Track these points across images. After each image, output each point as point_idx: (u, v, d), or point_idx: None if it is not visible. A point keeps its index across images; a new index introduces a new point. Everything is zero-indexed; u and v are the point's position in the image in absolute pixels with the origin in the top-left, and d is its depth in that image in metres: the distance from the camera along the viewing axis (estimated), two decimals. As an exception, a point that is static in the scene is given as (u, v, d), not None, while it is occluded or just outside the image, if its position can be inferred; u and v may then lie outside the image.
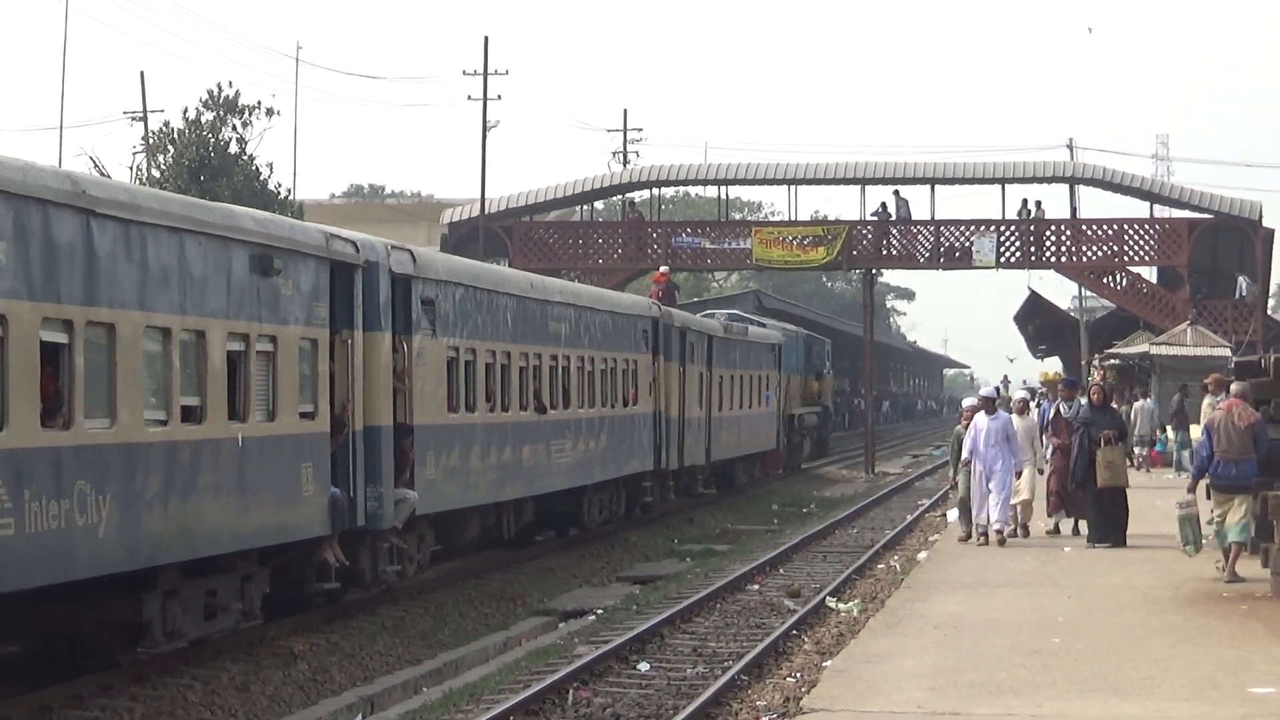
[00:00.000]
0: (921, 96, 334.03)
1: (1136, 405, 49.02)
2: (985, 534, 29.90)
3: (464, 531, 30.21)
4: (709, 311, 57.67)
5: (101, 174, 42.88)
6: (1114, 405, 33.25)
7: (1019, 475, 30.41)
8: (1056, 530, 31.03)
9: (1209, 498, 24.89)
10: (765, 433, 56.78)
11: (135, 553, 18.85)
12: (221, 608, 21.53)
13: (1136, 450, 46.57)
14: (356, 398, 24.42)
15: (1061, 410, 30.40)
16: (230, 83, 58.12)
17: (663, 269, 60.98)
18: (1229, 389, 25.98)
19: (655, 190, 76.33)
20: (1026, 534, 30.88)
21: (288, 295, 22.44)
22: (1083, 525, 30.23)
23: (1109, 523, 29.15)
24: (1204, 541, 25.69)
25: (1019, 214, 69.99)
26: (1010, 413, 31.36)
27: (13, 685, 18.90)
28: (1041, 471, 31.53)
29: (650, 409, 41.45)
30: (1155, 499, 33.23)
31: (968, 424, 30.62)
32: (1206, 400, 34.44)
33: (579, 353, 35.84)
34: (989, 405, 30.54)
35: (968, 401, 32.47)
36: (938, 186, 70.83)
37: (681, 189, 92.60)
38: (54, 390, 17.49)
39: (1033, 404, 34.12)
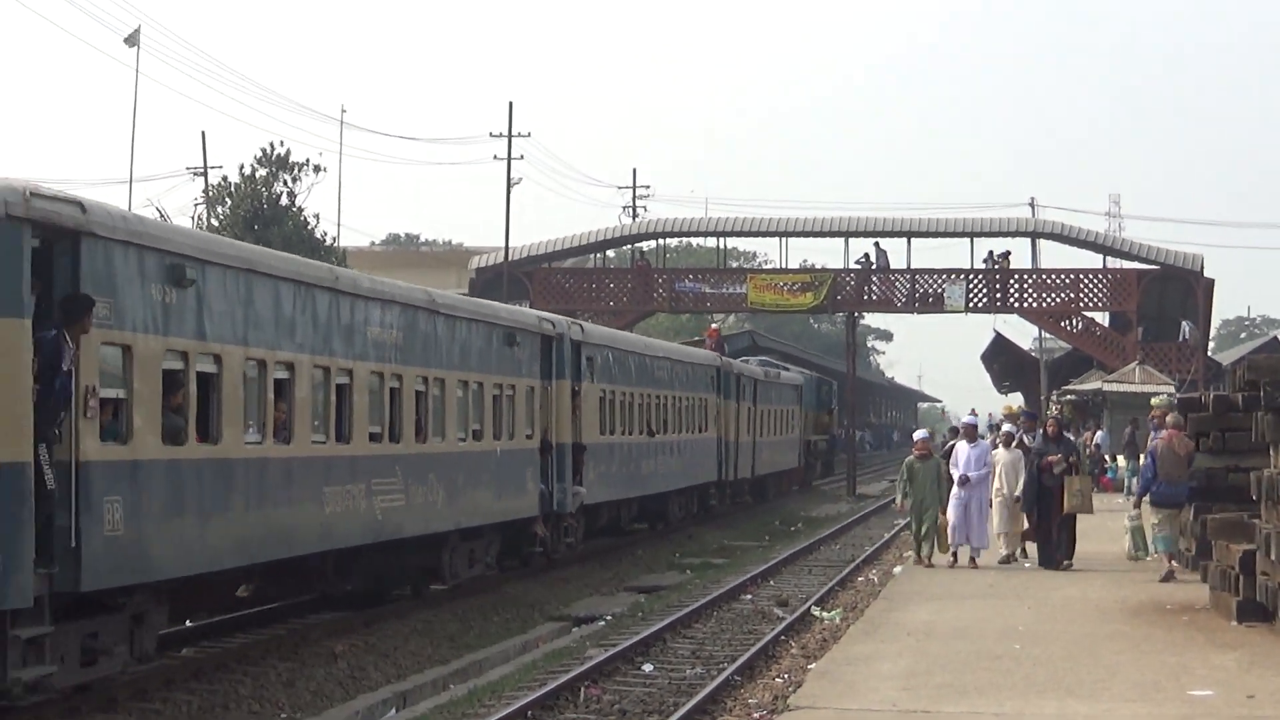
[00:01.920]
0: (900, 158, 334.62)
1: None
2: (971, 558, 28.73)
3: (600, 519, 37.72)
4: (747, 357, 64.98)
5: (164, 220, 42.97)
6: (1069, 437, 32.34)
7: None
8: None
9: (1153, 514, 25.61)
10: (791, 454, 64.64)
11: (449, 520, 26.48)
12: (477, 560, 28.88)
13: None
14: (554, 424, 32.59)
15: (1026, 440, 29.67)
16: (282, 142, 58.62)
17: (713, 325, 70.15)
18: (1168, 420, 26.22)
19: (661, 240, 76.57)
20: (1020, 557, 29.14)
21: (521, 358, 30.60)
22: (1031, 549, 28.90)
23: (1057, 546, 28.09)
24: (1153, 552, 26.03)
25: (986, 264, 70.08)
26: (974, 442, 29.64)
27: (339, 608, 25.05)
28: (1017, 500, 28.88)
29: (715, 435, 48.93)
30: (1107, 521, 33.22)
31: (919, 455, 29.14)
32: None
33: (672, 393, 43.62)
34: (970, 433, 29.76)
35: (919, 434, 30.93)
36: (914, 239, 71.02)
37: (684, 239, 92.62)
38: (421, 419, 25.53)
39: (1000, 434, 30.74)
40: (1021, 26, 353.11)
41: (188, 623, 22.50)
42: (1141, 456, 38.34)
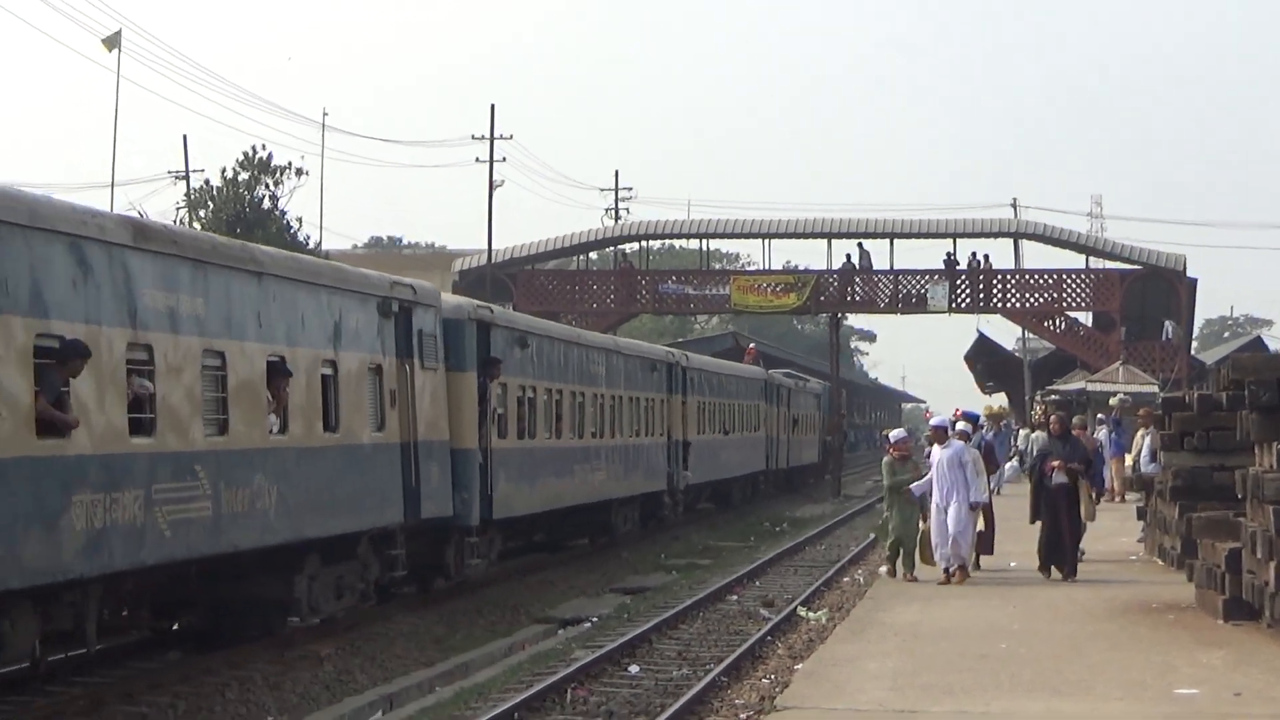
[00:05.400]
0: (882, 159, 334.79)
1: (1024, 434, 49.09)
2: (947, 571, 25.97)
3: (700, 497, 52.50)
4: (788, 370, 75.95)
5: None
6: (1078, 438, 29.06)
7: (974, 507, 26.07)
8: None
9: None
10: (814, 450, 75.79)
11: (573, 498, 35.93)
12: (607, 529, 39.77)
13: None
14: (677, 424, 46.03)
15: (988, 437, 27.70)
16: (264, 145, 58.51)
17: (751, 345, 78.61)
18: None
19: (644, 242, 76.61)
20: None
21: (652, 378, 44.11)
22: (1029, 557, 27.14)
23: (1058, 553, 26.08)
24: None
25: (969, 265, 70.13)
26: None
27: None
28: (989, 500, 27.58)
29: (763, 434, 61.45)
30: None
31: (897, 457, 27.20)
32: (1140, 432, 34.43)
33: (738, 401, 56.56)
34: (940, 435, 26.47)
35: (895, 433, 28.99)
36: (896, 240, 71.06)
37: (667, 241, 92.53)
38: (524, 420, 32.43)
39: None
40: (1001, 25, 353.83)
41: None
42: (1127, 458, 38.46)
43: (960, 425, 28.03)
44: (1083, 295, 69.69)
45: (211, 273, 19.76)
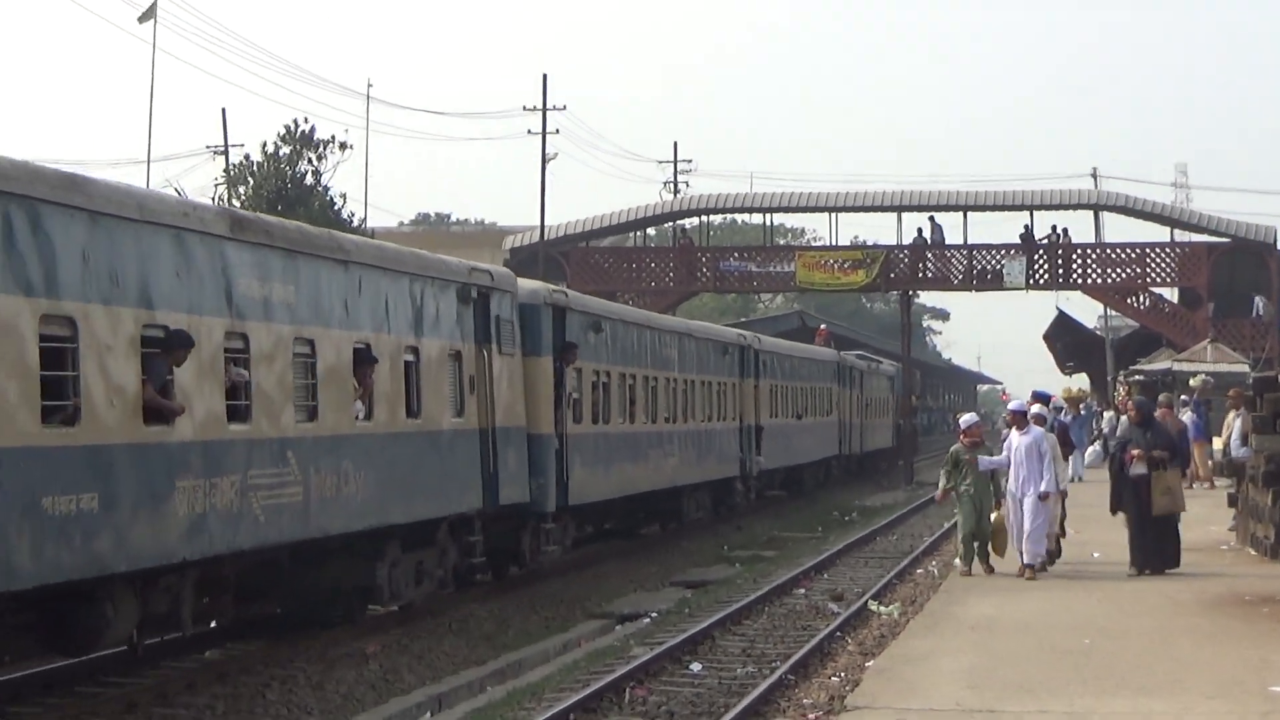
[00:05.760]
0: (955, 129, 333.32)
1: (1108, 416, 48.75)
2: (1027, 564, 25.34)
3: (773, 482, 53.47)
4: (860, 353, 74.51)
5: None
6: (1162, 423, 27.87)
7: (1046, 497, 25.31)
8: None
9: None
10: (887, 434, 76.00)
11: (646, 484, 37.27)
12: (677, 515, 41.48)
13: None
14: (749, 408, 47.10)
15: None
16: (306, 118, 58.53)
17: (822, 326, 77.85)
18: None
19: (704, 217, 76.12)
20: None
21: (724, 361, 45.20)
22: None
23: (1156, 552, 25.15)
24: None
25: (1047, 239, 69.66)
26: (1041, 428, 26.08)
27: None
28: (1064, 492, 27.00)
29: (835, 418, 62.58)
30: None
31: (969, 445, 26.34)
32: (1230, 414, 34.06)
33: (811, 384, 57.78)
34: (1019, 420, 25.87)
35: (966, 418, 27.72)
36: (970, 213, 70.67)
37: (729, 216, 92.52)
38: (598, 405, 34.21)
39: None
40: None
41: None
42: (1215, 441, 38.14)
43: (1034, 409, 26.70)
44: (1167, 270, 69.19)
45: (302, 262, 20.91)
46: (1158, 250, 69.46)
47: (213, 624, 22.47)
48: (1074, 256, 69.23)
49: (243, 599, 21.83)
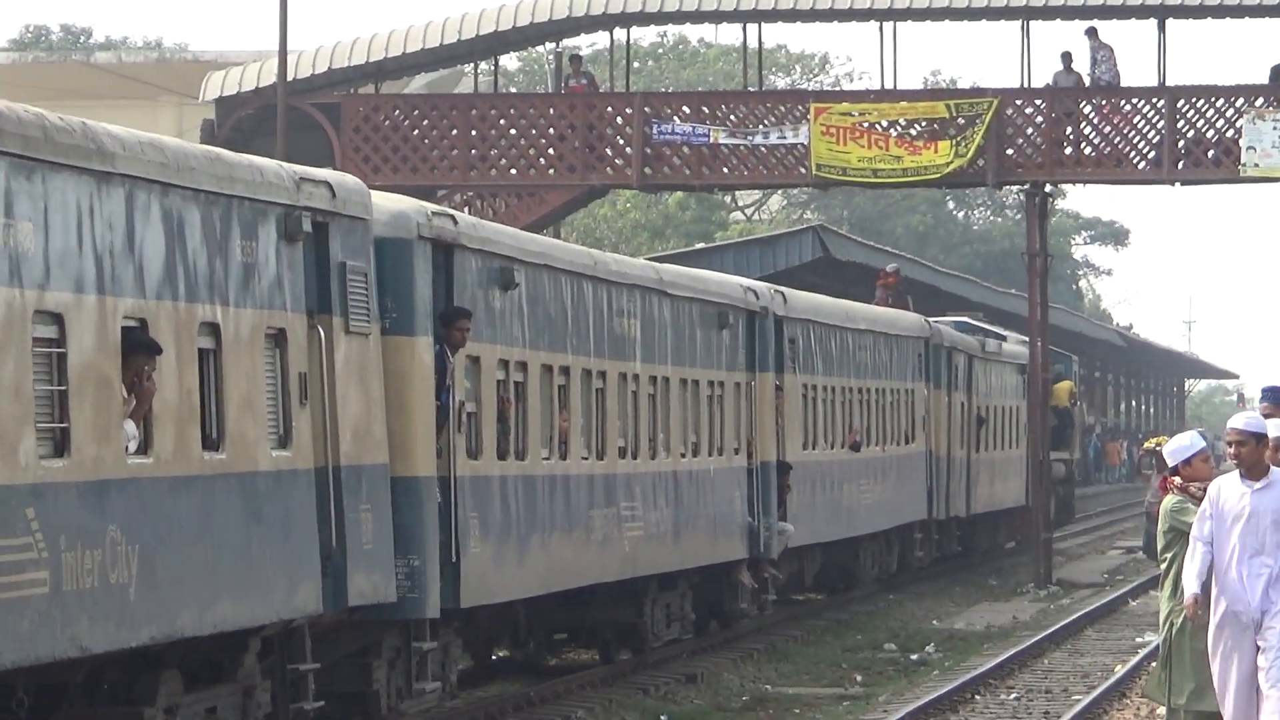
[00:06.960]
0: None
1: None
2: None
3: (804, 576, 36.21)
4: (963, 320, 45.19)
5: None
6: None
7: None
8: None
9: None
10: (1013, 482, 45.32)
11: (585, 574, 22.32)
12: (634, 634, 29.98)
13: None
14: (766, 429, 28.30)
15: None
16: None
17: (894, 268, 42.91)
18: None
19: (619, 30, 41.13)
20: None
21: (720, 339, 26.81)
22: None
23: None
24: None
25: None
26: None
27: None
28: None
29: (923, 448, 38.12)
30: None
31: (1180, 492, 13.55)
32: None
33: (877, 383, 35.24)
34: (1251, 454, 12.91)
35: (1175, 447, 13.92)
36: (1169, 20, 38.66)
37: (668, 27, 59.13)
38: (507, 423, 20.38)
39: None
40: None
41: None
42: None
43: (1276, 428, 13.69)
44: None
45: (42, 176, 12.19)
46: None
47: None
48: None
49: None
